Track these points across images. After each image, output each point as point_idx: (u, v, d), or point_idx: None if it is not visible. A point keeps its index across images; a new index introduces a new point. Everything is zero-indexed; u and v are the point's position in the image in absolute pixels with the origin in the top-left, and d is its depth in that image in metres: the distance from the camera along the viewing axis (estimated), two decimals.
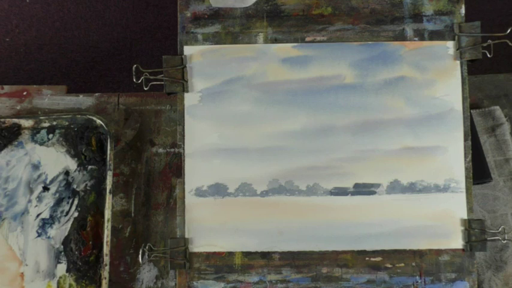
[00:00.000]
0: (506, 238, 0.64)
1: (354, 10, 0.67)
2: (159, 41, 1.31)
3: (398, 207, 0.65)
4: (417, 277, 0.64)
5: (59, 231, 0.69)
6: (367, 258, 0.65)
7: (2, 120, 0.71)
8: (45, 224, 0.69)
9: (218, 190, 0.65)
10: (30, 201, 0.69)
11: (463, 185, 0.65)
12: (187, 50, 0.66)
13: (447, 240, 0.65)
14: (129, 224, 0.71)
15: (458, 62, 0.66)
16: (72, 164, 0.71)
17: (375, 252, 0.65)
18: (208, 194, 0.65)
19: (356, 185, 0.65)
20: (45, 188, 0.70)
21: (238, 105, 0.66)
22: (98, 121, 0.70)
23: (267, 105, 0.66)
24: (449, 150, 0.65)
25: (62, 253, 0.68)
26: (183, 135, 0.66)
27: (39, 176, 0.70)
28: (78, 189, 0.70)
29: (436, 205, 0.65)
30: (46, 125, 0.72)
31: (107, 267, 0.65)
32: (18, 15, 1.31)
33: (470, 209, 0.65)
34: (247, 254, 0.65)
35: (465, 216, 0.65)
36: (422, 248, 0.65)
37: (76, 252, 0.68)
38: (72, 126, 0.72)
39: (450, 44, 0.66)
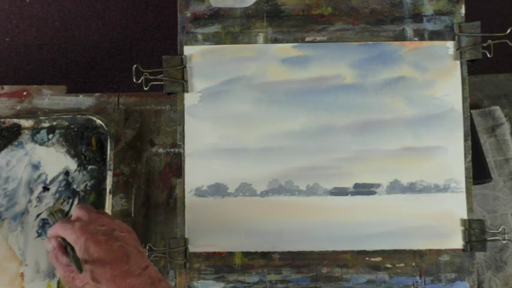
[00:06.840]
0: (506, 238, 0.64)
1: (354, 10, 0.67)
2: (159, 41, 1.31)
3: (398, 207, 0.65)
4: (417, 277, 0.64)
5: None
6: (367, 258, 0.65)
7: (2, 120, 0.71)
8: (45, 224, 0.69)
9: (218, 190, 0.65)
10: (30, 201, 0.69)
11: (463, 185, 0.65)
12: (187, 50, 0.66)
13: (447, 240, 0.64)
14: (129, 224, 0.71)
15: (458, 62, 0.66)
16: (72, 164, 0.71)
17: (375, 252, 0.65)
18: (208, 194, 0.65)
19: (356, 185, 0.65)
20: (45, 188, 0.70)
21: (238, 105, 0.66)
22: (98, 121, 0.70)
23: (266, 105, 0.66)
24: (449, 150, 0.65)
25: None
26: (183, 135, 0.66)
27: (39, 176, 0.70)
28: (78, 189, 0.70)
29: (436, 205, 0.65)
30: (46, 125, 0.72)
31: None
32: (18, 15, 1.31)
33: (470, 209, 0.65)
34: (247, 254, 0.65)
35: (465, 216, 0.65)
36: (422, 248, 0.65)
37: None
38: (72, 126, 0.72)
39: (450, 44, 0.66)
